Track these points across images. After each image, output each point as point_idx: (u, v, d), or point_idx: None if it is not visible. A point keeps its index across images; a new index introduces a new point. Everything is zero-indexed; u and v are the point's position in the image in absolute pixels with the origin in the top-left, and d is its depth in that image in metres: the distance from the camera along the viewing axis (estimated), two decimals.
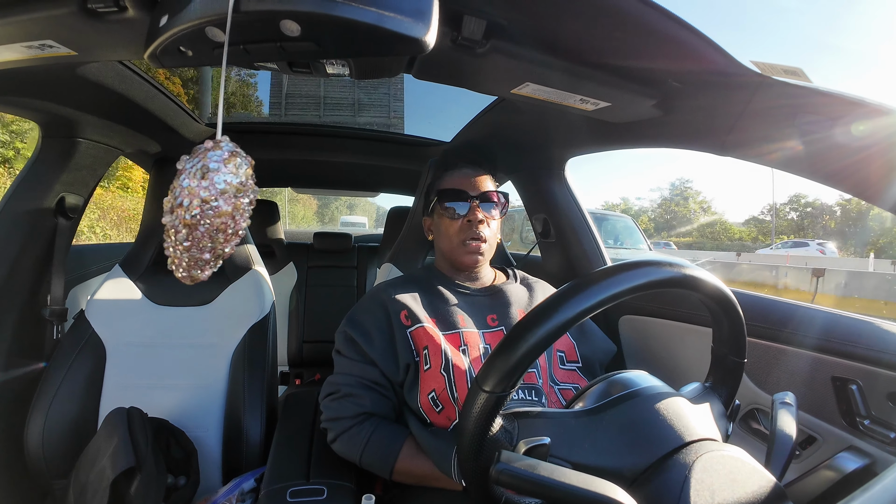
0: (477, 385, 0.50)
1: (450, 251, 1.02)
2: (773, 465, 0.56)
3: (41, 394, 1.09)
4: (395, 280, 1.07)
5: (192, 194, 0.52)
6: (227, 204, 0.53)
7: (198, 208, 0.52)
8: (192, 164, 0.53)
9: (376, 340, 0.93)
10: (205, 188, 0.52)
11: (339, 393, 0.92)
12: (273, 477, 0.91)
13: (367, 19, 0.48)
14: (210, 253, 0.57)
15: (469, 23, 0.63)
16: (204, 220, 0.53)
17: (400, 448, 0.86)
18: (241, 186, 0.54)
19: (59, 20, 0.62)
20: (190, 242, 0.55)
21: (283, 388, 2.27)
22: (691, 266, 0.54)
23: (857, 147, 0.65)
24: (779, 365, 0.90)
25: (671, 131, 0.94)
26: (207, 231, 0.54)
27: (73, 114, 1.13)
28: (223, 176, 0.52)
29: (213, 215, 0.53)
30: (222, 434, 1.16)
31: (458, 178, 1.04)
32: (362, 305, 1.01)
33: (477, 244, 0.99)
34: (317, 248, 2.57)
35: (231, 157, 0.53)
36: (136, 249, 1.32)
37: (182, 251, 0.56)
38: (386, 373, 0.91)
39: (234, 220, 0.55)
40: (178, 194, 0.52)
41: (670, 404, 0.55)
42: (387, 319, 0.95)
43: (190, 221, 0.52)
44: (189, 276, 0.60)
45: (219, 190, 0.52)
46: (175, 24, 0.51)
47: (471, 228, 0.98)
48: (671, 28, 0.62)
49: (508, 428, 0.54)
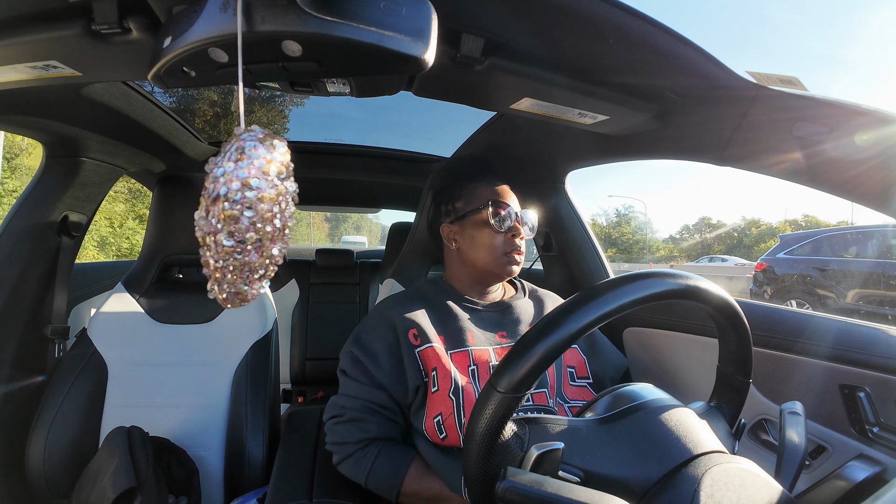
0: (491, 386, 0.50)
1: (488, 262, 0.98)
2: (783, 476, 0.55)
3: (43, 412, 1.09)
4: (400, 295, 1.04)
5: (230, 179, 0.46)
6: (270, 186, 0.47)
7: (238, 193, 0.45)
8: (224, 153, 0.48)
9: (384, 362, 0.90)
10: (243, 168, 0.46)
11: (343, 417, 0.90)
12: (275, 497, 0.90)
13: (367, 39, 0.49)
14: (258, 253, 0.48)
15: (467, 41, 0.64)
16: (246, 208, 0.46)
17: (406, 470, 0.85)
18: (281, 167, 0.49)
19: (64, 41, 0.63)
20: (234, 241, 0.47)
21: (286, 405, 2.25)
22: (700, 278, 0.54)
23: (860, 156, 0.65)
24: (786, 374, 0.89)
25: (670, 143, 0.94)
26: (252, 222, 0.46)
27: (78, 133, 1.15)
28: (261, 153, 0.47)
29: (256, 199, 0.46)
30: (224, 453, 1.15)
31: (503, 191, 1.02)
32: (369, 324, 0.98)
33: (520, 255, 0.99)
34: (319, 265, 2.57)
35: (266, 136, 0.49)
36: (139, 267, 1.32)
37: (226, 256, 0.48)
38: (394, 395, 0.89)
39: (280, 209, 0.48)
40: (212, 189, 0.46)
41: (678, 417, 0.55)
42: (395, 339, 0.92)
43: (230, 212, 0.45)
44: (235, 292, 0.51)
45: (258, 168, 0.46)
46: (178, 45, 0.52)
47: (513, 241, 0.98)
48: (667, 41, 0.63)
49: (519, 433, 0.54)
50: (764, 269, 7.15)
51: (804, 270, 6.59)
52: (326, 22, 0.48)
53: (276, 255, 0.51)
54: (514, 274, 0.99)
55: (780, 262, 6.97)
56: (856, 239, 6.33)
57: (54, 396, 1.10)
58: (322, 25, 0.48)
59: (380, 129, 1.98)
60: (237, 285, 0.50)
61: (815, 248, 6.60)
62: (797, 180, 0.79)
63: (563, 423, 0.56)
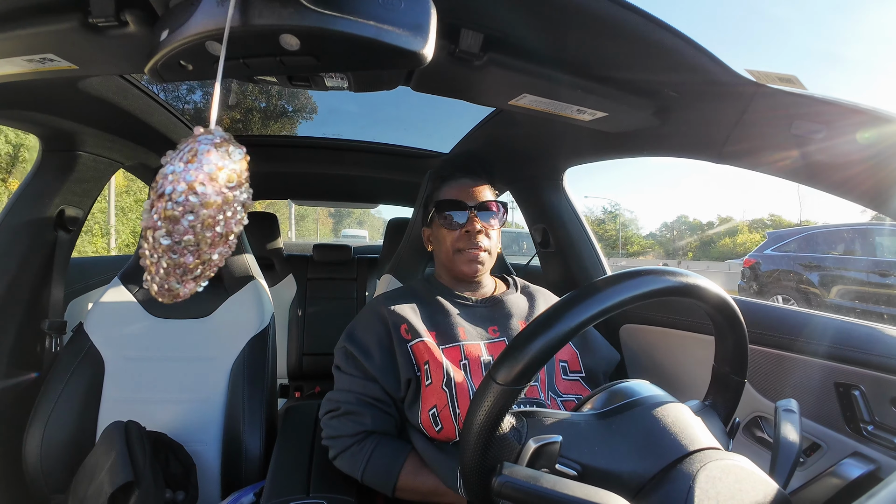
0: (490, 378, 0.50)
1: (448, 261, 1.00)
2: (778, 473, 0.55)
3: (39, 407, 1.09)
4: (393, 292, 1.05)
5: (177, 180, 0.45)
6: (217, 193, 0.46)
7: (183, 194, 0.45)
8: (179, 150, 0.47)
9: (376, 356, 0.91)
10: (192, 171, 0.45)
11: (339, 411, 0.91)
12: (272, 491, 0.90)
13: (365, 33, 0.49)
14: (193, 256, 0.48)
15: (466, 36, 0.63)
16: (188, 211, 0.45)
17: (402, 465, 0.85)
18: (232, 175, 0.47)
19: (61, 34, 0.62)
20: (170, 240, 0.46)
21: (283, 400, 2.26)
22: (697, 276, 0.55)
23: (857, 155, 0.66)
24: (781, 372, 0.90)
25: (668, 140, 0.94)
26: (192, 225, 0.46)
27: (74, 127, 1.14)
28: (213, 158, 0.46)
29: (199, 204, 0.45)
30: (221, 448, 1.15)
31: (455, 188, 1.02)
32: (361, 320, 0.99)
33: (475, 252, 0.97)
34: (316, 260, 2.57)
35: (223, 142, 0.47)
36: (136, 262, 1.32)
37: (161, 253, 0.47)
38: (387, 388, 0.90)
39: (224, 217, 0.48)
40: (160, 185, 0.45)
41: (674, 414, 0.55)
42: (387, 334, 0.93)
43: (171, 212, 0.45)
44: (167, 289, 0.51)
45: (207, 174, 0.45)
46: (175, 38, 0.52)
47: (470, 238, 0.97)
48: (667, 39, 0.63)
49: (517, 426, 0.54)
50: (752, 265, 7.23)
51: (791, 267, 6.67)
52: (324, 16, 0.48)
53: (215, 260, 0.50)
54: (476, 273, 0.99)
55: (767, 258, 7.04)
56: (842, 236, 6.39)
57: (51, 391, 1.10)
58: (320, 19, 0.48)
59: (378, 123, 1.98)
60: (169, 282, 0.50)
61: (803, 244, 6.69)
62: (795, 179, 0.79)
63: (560, 416, 0.56)
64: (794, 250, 6.72)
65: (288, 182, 2.21)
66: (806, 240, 6.72)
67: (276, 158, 1.85)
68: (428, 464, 0.84)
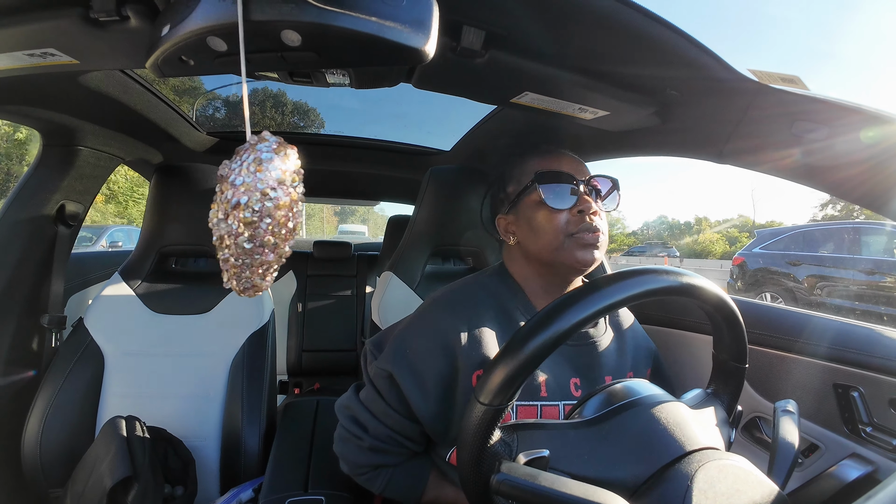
0: (474, 398, 0.50)
1: (554, 251, 0.77)
2: (776, 474, 0.55)
3: (39, 401, 1.09)
4: (462, 301, 0.80)
5: (250, 189, 0.49)
6: (286, 194, 0.51)
7: (258, 203, 0.49)
8: (240, 161, 0.51)
9: (431, 399, 0.73)
10: (261, 180, 0.49)
11: (363, 441, 0.77)
12: (271, 487, 0.91)
13: (367, 30, 0.49)
14: (274, 253, 0.53)
15: (468, 33, 0.63)
16: (265, 216, 0.50)
17: (425, 483, 0.79)
18: (294, 175, 0.52)
19: (62, 29, 0.62)
20: (252, 245, 0.51)
21: (282, 397, 2.26)
22: (692, 274, 0.54)
23: (859, 156, 0.65)
24: (780, 372, 0.90)
25: (670, 140, 0.94)
26: (270, 227, 0.51)
27: (75, 122, 1.14)
28: (277, 164, 0.50)
29: (274, 208, 0.50)
30: (220, 443, 1.16)
31: (556, 158, 0.82)
32: (421, 342, 0.76)
33: (594, 236, 0.76)
34: (316, 257, 2.57)
35: (280, 146, 0.52)
36: (136, 257, 1.32)
37: (244, 257, 0.52)
38: (430, 433, 0.75)
39: (292, 213, 0.52)
40: (230, 196, 0.50)
41: (671, 413, 0.55)
42: (452, 375, 0.73)
43: (250, 220, 0.49)
44: (252, 285, 0.56)
45: (276, 179, 0.50)
46: (177, 33, 0.51)
47: (583, 220, 0.76)
48: (669, 38, 0.62)
49: (507, 440, 0.54)
50: (740, 263, 7.36)
51: (778, 265, 6.80)
52: (326, 12, 0.48)
53: (287, 251, 0.55)
54: (592, 262, 0.77)
55: (755, 256, 7.17)
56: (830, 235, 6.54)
57: (50, 386, 1.10)
58: (322, 15, 0.48)
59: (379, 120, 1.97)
60: (254, 279, 0.55)
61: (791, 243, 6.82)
62: (795, 179, 0.79)
63: (550, 427, 0.56)
64: (781, 248, 6.86)
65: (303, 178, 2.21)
66: (794, 238, 6.84)
67: None
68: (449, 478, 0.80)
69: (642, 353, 0.88)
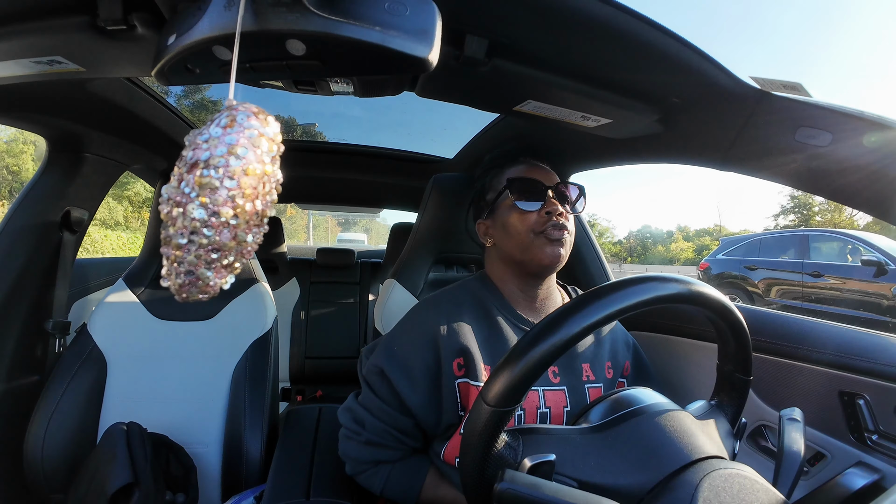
0: (481, 400, 0.50)
1: (523, 249, 0.85)
2: (782, 483, 0.55)
3: (41, 406, 1.09)
4: (447, 298, 0.89)
5: (215, 144, 0.40)
6: (258, 160, 0.41)
7: (222, 159, 0.40)
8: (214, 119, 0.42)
9: (420, 389, 0.80)
10: (232, 134, 0.40)
11: (361, 437, 0.82)
12: (273, 494, 0.90)
13: (371, 39, 0.49)
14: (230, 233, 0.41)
15: (472, 42, 0.64)
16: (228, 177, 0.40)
17: (423, 482, 0.81)
18: (272, 144, 0.43)
19: (69, 37, 0.63)
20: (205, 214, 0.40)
21: (285, 404, 2.26)
22: (697, 282, 0.54)
23: (861, 162, 0.65)
24: (785, 380, 0.89)
25: (672, 147, 0.94)
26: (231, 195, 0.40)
27: (81, 129, 1.15)
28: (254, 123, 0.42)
29: (241, 171, 0.40)
30: (222, 450, 1.15)
31: (526, 168, 0.90)
32: (406, 338, 0.85)
33: (560, 232, 0.83)
34: (319, 264, 2.57)
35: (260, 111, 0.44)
36: (140, 263, 1.32)
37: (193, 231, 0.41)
38: (423, 425, 0.81)
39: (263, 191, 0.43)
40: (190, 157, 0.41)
41: (676, 421, 0.55)
42: (436, 363, 0.81)
43: (208, 179, 0.39)
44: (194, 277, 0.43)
45: (248, 138, 0.41)
46: (182, 42, 0.52)
47: (550, 220, 0.84)
48: (671, 46, 0.63)
49: (513, 444, 0.54)
50: (705, 269, 8.06)
51: (737, 270, 7.47)
52: (331, 21, 0.48)
53: (250, 243, 0.44)
54: (558, 258, 0.83)
55: (718, 262, 7.87)
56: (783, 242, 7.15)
57: (53, 391, 1.11)
58: (326, 25, 0.48)
59: (382, 128, 1.98)
60: (198, 269, 0.42)
61: (749, 249, 7.48)
62: (799, 186, 0.79)
63: (556, 432, 0.56)
64: (740, 255, 7.54)
65: (291, 186, 2.22)
66: (752, 245, 7.50)
67: (281, 162, 1.85)
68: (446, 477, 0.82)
69: (621, 347, 0.94)
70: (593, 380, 0.86)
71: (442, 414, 0.80)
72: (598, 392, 0.85)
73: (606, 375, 0.88)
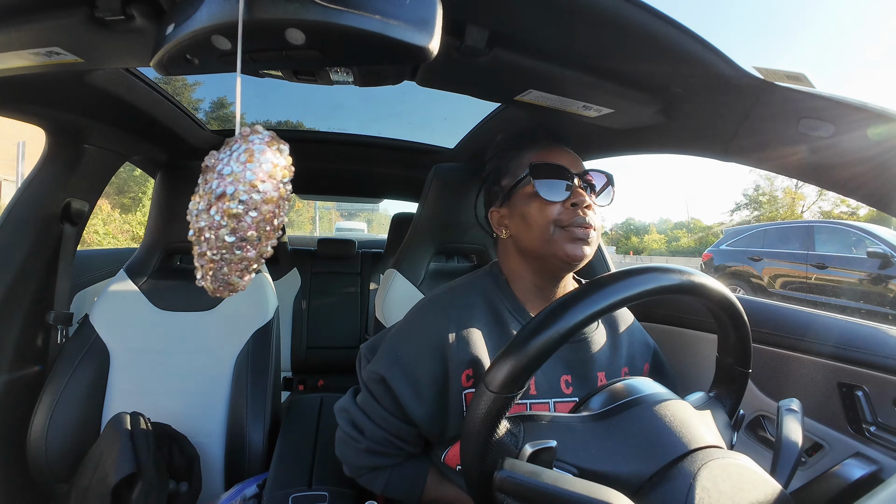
0: (484, 386, 0.50)
1: (542, 244, 0.77)
2: (779, 473, 0.55)
3: (45, 397, 1.10)
4: (453, 304, 0.80)
5: (238, 180, 0.47)
6: (275, 189, 0.49)
7: (245, 194, 0.47)
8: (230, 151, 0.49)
9: (426, 401, 0.74)
10: (251, 171, 0.47)
11: (360, 444, 0.77)
12: (275, 483, 0.91)
13: (371, 28, 0.49)
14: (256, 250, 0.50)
15: (472, 31, 0.63)
16: (251, 208, 0.47)
17: (424, 483, 0.79)
18: (285, 171, 0.50)
19: (67, 28, 0.63)
20: (235, 238, 0.48)
21: (287, 393, 2.27)
22: (698, 273, 0.54)
23: (865, 155, 0.65)
24: (784, 371, 0.90)
25: (675, 137, 0.94)
26: (255, 221, 0.48)
27: (80, 121, 1.14)
28: (269, 157, 0.48)
29: (262, 201, 0.48)
30: (225, 440, 1.16)
31: (550, 151, 0.81)
32: (412, 345, 0.77)
33: (585, 229, 0.75)
34: (320, 254, 2.58)
35: (272, 140, 0.50)
36: (142, 255, 1.32)
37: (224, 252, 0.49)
38: (426, 434, 0.77)
39: (279, 210, 0.50)
40: (216, 186, 0.48)
41: (675, 411, 0.55)
42: (444, 376, 0.74)
43: (235, 211, 0.47)
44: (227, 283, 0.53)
45: (267, 172, 0.48)
46: (181, 32, 0.52)
47: (576, 213, 0.75)
48: (673, 35, 0.62)
49: (514, 431, 0.54)
50: (708, 259, 7.95)
51: (741, 261, 7.37)
52: (330, 10, 0.48)
53: (269, 251, 0.53)
54: (582, 258, 0.76)
55: (721, 252, 7.77)
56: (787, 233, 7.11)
57: (56, 382, 1.11)
58: (325, 14, 0.48)
59: (382, 118, 1.97)
60: (231, 277, 0.52)
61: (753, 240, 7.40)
62: (801, 177, 0.79)
63: (557, 419, 0.56)
64: (744, 245, 7.43)
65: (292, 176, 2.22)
66: (755, 236, 7.42)
67: None
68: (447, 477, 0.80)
69: (638, 350, 0.88)
70: None
71: (448, 425, 0.75)
72: None
73: None
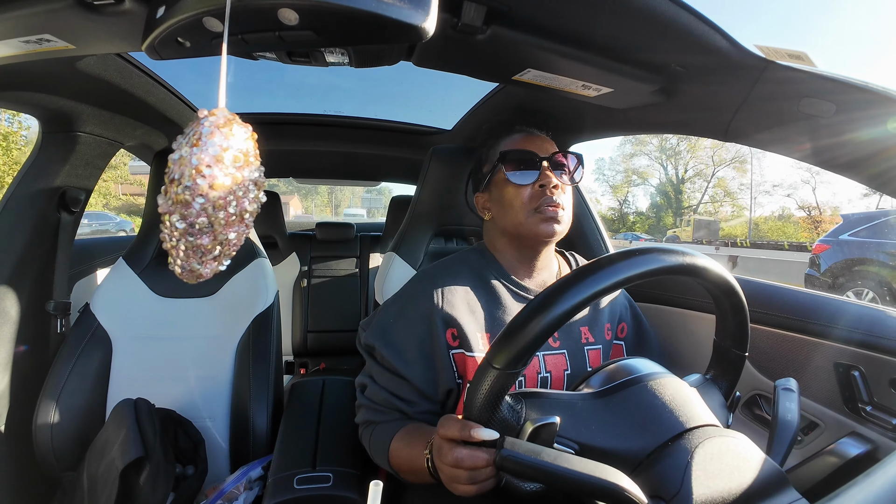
0: (487, 362, 0.50)
1: (518, 225, 0.84)
2: (775, 451, 0.56)
3: (49, 387, 1.10)
4: (443, 270, 0.89)
5: (184, 164, 0.46)
6: (224, 174, 0.46)
7: (190, 178, 0.45)
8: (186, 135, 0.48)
9: (415, 362, 0.81)
10: (195, 155, 0.45)
11: (362, 399, 0.86)
12: (280, 465, 0.93)
13: (365, 7, 0.48)
14: (209, 237, 0.49)
15: (469, 9, 0.62)
16: (197, 194, 0.46)
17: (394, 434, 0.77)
18: (238, 155, 0.48)
19: (56, 14, 0.61)
20: (185, 224, 0.47)
21: (289, 377, 2.29)
22: (699, 255, 0.54)
23: (866, 135, 0.64)
24: (781, 351, 0.90)
25: (674, 117, 0.93)
26: (203, 208, 0.46)
27: (73, 108, 1.13)
28: (217, 140, 0.46)
29: (208, 187, 0.46)
30: (229, 423, 1.18)
31: (521, 139, 0.89)
32: (399, 316, 0.85)
33: (554, 209, 0.82)
34: (319, 238, 2.57)
35: (226, 122, 0.48)
36: (139, 242, 1.32)
37: (178, 237, 0.49)
38: (424, 392, 0.81)
39: (235, 198, 0.48)
40: (171, 171, 0.47)
41: (673, 390, 0.56)
42: (429, 337, 0.82)
43: (182, 196, 0.46)
44: (189, 269, 0.52)
45: (212, 156, 0.46)
46: (172, 15, 0.51)
47: (544, 194, 0.83)
48: (674, 12, 0.61)
49: (515, 407, 0.55)
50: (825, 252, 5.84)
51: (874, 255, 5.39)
52: None
53: (232, 239, 0.51)
54: (553, 235, 0.83)
55: (843, 244, 5.70)
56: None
57: (60, 371, 1.12)
58: None
59: (379, 100, 1.95)
60: (190, 264, 0.51)
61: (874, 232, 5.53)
62: (802, 158, 0.78)
63: (558, 397, 0.57)
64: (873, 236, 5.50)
65: (288, 159, 2.20)
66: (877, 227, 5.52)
67: (277, 135, 1.83)
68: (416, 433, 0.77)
69: (619, 307, 0.96)
70: (592, 342, 0.88)
71: (439, 382, 0.81)
72: (598, 353, 0.87)
73: (605, 337, 0.89)
